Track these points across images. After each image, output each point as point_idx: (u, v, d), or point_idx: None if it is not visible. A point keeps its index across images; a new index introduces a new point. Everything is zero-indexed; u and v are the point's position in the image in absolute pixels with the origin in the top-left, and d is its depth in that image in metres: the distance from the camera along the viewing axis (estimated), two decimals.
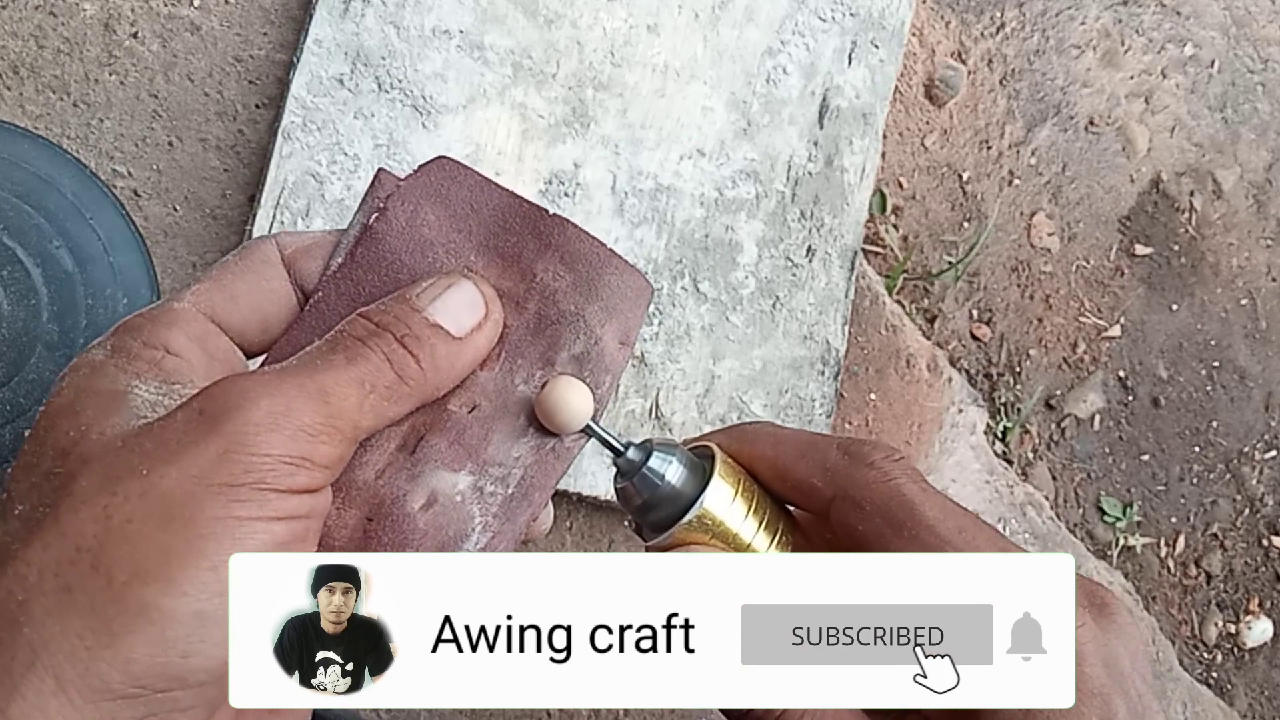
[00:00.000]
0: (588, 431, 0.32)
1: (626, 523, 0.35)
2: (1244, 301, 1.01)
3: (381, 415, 0.29)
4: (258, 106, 0.65)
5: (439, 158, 0.33)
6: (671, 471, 0.31)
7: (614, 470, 0.32)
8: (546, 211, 0.34)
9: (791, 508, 0.34)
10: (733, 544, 0.31)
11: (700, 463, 0.32)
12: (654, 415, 0.67)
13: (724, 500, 0.31)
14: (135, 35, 0.63)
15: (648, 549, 0.32)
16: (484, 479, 0.32)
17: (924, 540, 0.29)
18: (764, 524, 0.32)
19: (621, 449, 0.32)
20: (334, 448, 0.27)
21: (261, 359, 0.31)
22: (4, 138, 0.59)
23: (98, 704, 0.23)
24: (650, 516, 0.32)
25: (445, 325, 0.30)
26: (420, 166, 0.33)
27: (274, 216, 0.62)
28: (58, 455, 0.26)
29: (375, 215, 0.32)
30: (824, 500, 0.31)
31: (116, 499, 0.24)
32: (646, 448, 0.32)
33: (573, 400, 0.31)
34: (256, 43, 0.65)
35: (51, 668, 0.23)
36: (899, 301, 0.85)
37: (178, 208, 0.64)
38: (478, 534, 0.31)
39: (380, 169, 0.33)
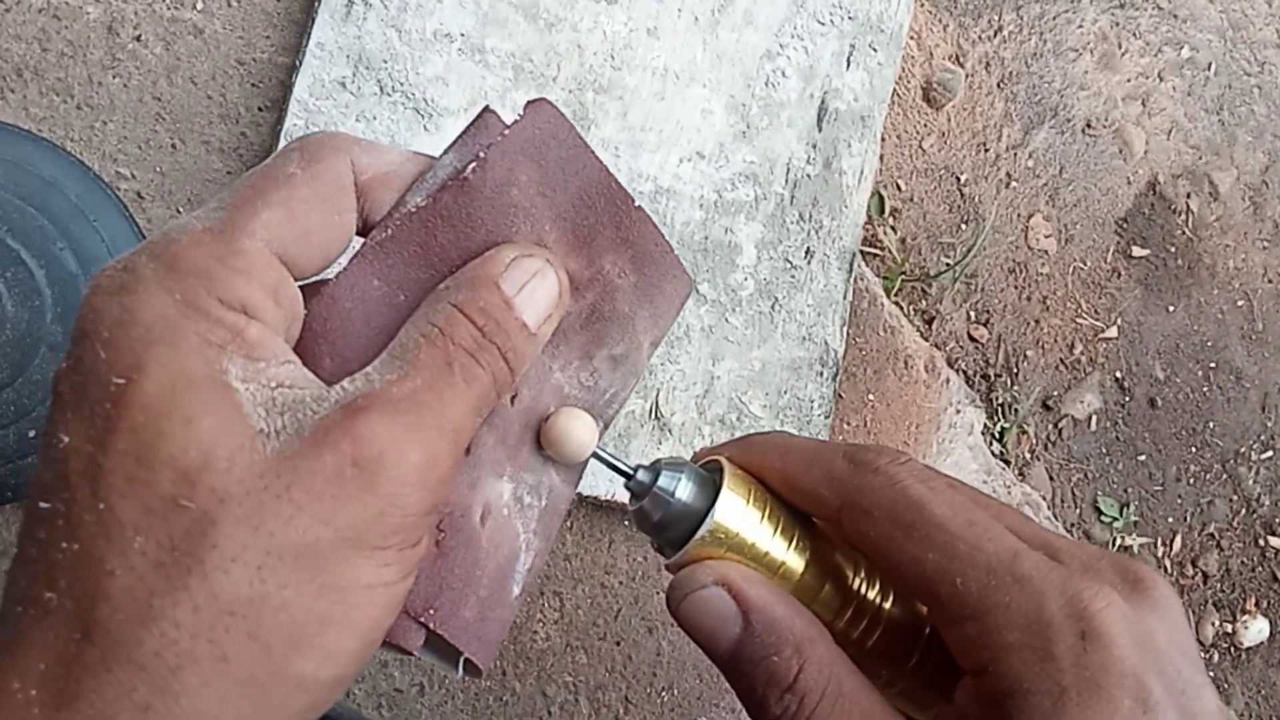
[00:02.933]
0: (596, 458, 0.32)
1: (651, 545, 0.34)
2: (1240, 303, 1.02)
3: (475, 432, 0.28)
4: (260, 109, 0.65)
5: (542, 102, 0.30)
6: (681, 488, 0.31)
7: (627, 494, 0.32)
8: (632, 201, 0.32)
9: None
10: (749, 553, 0.31)
11: (710, 477, 0.32)
12: (654, 416, 0.67)
13: (735, 511, 0.31)
14: (138, 38, 0.64)
15: (667, 568, 0.32)
16: (520, 486, 0.31)
17: (935, 539, 0.28)
18: (779, 530, 0.32)
19: (631, 472, 0.32)
20: (452, 483, 0.27)
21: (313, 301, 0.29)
22: (8, 140, 0.60)
23: None
24: (666, 535, 0.32)
25: (527, 320, 0.28)
26: (527, 108, 0.30)
27: None
28: (180, 479, 0.23)
29: (473, 165, 0.29)
30: (833, 509, 0.31)
31: (270, 559, 0.23)
32: (655, 468, 0.32)
33: (579, 433, 0.31)
34: (259, 46, 0.66)
35: None
36: (897, 303, 0.85)
37: (180, 210, 0.64)
38: (524, 554, 0.31)
39: (488, 108, 0.30)
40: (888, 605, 0.33)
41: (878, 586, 0.33)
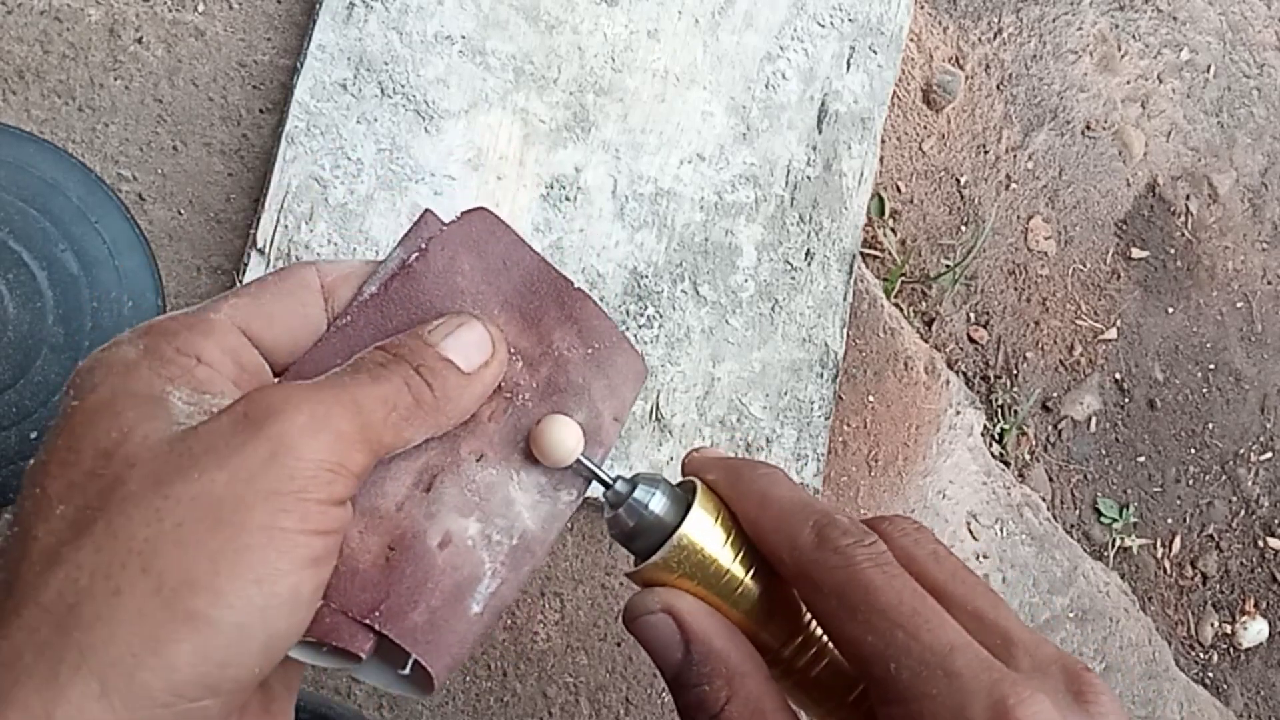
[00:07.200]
0: (579, 465, 0.33)
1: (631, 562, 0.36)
2: (1239, 304, 1.02)
3: (399, 435, 0.29)
4: (261, 111, 0.65)
5: (480, 209, 0.34)
6: (655, 501, 0.33)
7: (605, 504, 0.34)
8: (572, 284, 0.35)
9: None
10: (710, 571, 0.33)
11: (684, 495, 0.34)
12: (654, 417, 0.67)
13: (703, 529, 0.33)
14: (140, 40, 0.64)
15: (628, 576, 0.34)
16: (490, 528, 0.33)
17: (875, 624, 0.29)
18: (740, 555, 0.33)
19: (610, 482, 0.34)
20: (364, 456, 0.28)
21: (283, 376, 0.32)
22: (10, 142, 0.60)
23: (136, 711, 0.24)
24: (635, 544, 0.34)
25: (456, 360, 0.31)
26: (463, 214, 0.34)
27: (278, 220, 0.62)
28: (99, 455, 0.26)
29: (416, 255, 0.33)
30: (791, 574, 0.32)
31: (168, 502, 0.25)
32: (634, 481, 0.34)
33: (566, 438, 0.33)
34: (260, 48, 0.66)
35: (97, 673, 0.23)
36: (897, 304, 0.85)
37: (182, 211, 0.64)
38: (488, 579, 0.32)
39: (427, 210, 0.34)
40: None
41: None
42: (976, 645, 0.29)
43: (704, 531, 0.33)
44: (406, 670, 0.31)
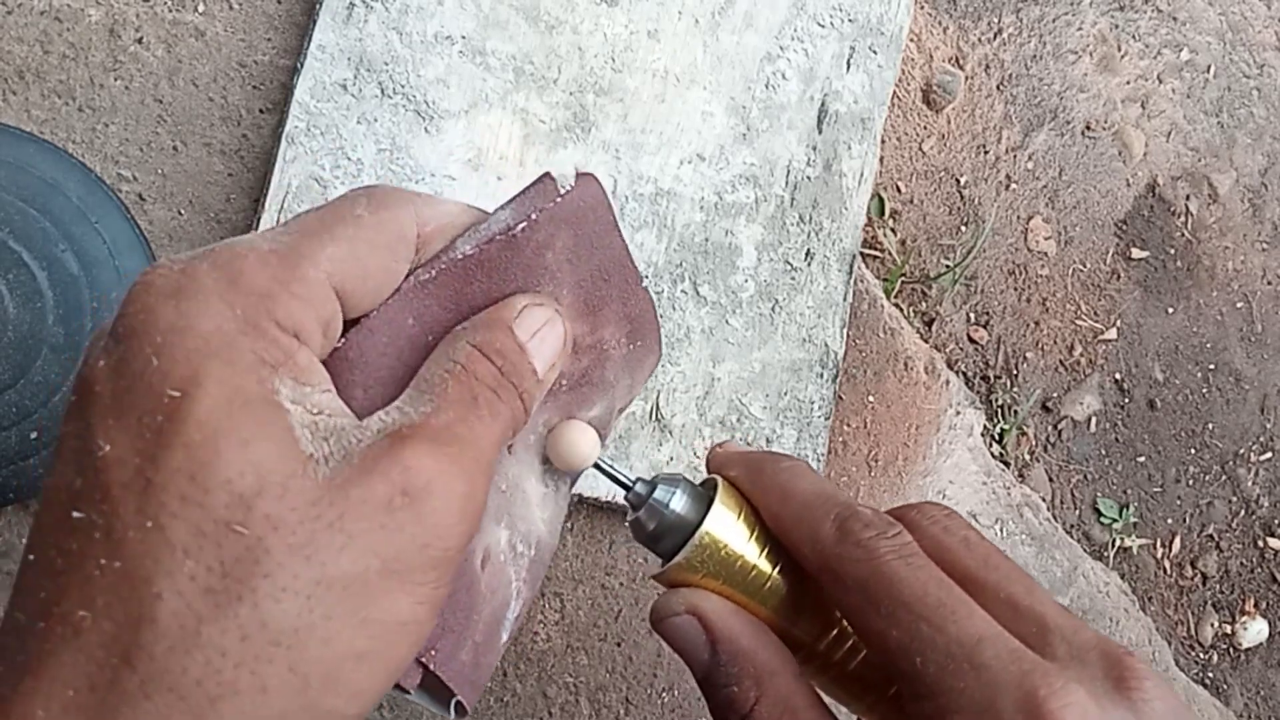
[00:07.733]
0: (597, 468, 0.33)
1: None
2: (1239, 305, 1.02)
3: None
4: (262, 111, 0.65)
5: (591, 177, 0.32)
6: (675, 501, 0.33)
7: (626, 506, 0.34)
8: (640, 280, 0.34)
9: None
10: (736, 568, 0.32)
11: (704, 493, 0.33)
12: (654, 418, 0.67)
13: (725, 526, 0.32)
14: (140, 41, 0.64)
15: (654, 578, 0.34)
16: (515, 534, 0.32)
17: (899, 618, 0.29)
18: (767, 550, 0.33)
19: (630, 483, 0.33)
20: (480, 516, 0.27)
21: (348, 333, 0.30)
22: (9, 142, 0.60)
23: None
24: (660, 545, 0.33)
25: (536, 366, 0.29)
26: (579, 178, 0.32)
27: (278, 220, 0.62)
28: (235, 503, 0.22)
29: (524, 225, 0.30)
30: (813, 568, 0.32)
31: (320, 589, 0.23)
32: (653, 482, 0.33)
33: (584, 444, 0.33)
34: (260, 48, 0.66)
35: None
36: (897, 304, 0.85)
37: (182, 212, 0.64)
38: (514, 601, 0.32)
39: (547, 173, 0.32)
40: None
41: None
42: (1006, 635, 0.28)
43: (726, 529, 0.32)
44: (451, 714, 0.30)
